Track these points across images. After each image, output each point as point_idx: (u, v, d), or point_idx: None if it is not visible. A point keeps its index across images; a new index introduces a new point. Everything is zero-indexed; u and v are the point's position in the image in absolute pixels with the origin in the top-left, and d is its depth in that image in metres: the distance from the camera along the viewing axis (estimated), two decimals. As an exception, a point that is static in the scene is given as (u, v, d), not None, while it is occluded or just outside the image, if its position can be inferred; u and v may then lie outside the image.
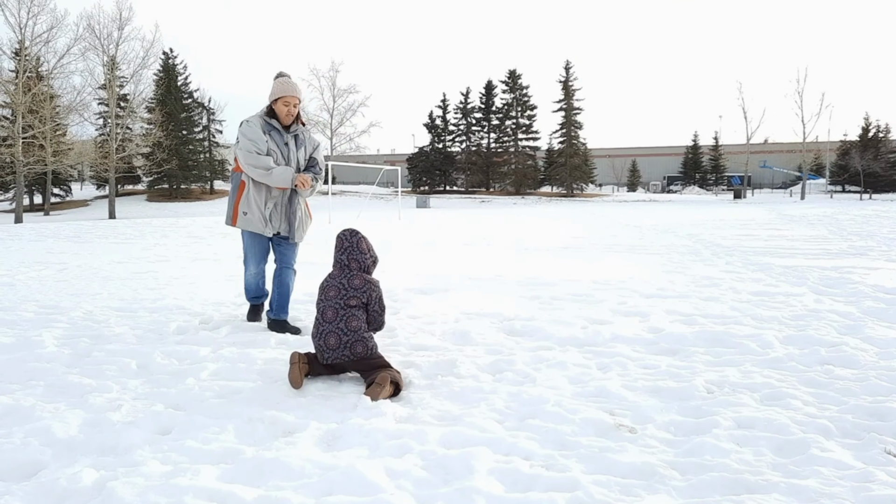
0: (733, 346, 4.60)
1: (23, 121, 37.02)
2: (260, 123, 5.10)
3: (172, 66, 59.04)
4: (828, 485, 2.53)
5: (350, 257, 4.05)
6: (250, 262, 5.39)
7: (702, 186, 75.85)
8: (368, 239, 4.21)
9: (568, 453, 2.86)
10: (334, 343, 3.85)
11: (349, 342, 3.84)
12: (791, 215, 23.31)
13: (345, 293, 3.93)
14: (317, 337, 3.93)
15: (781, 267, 8.77)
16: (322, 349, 3.88)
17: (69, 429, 3.08)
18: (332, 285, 3.99)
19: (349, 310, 3.90)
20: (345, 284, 3.96)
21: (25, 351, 4.50)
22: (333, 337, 3.86)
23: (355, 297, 3.94)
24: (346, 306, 3.90)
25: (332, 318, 3.90)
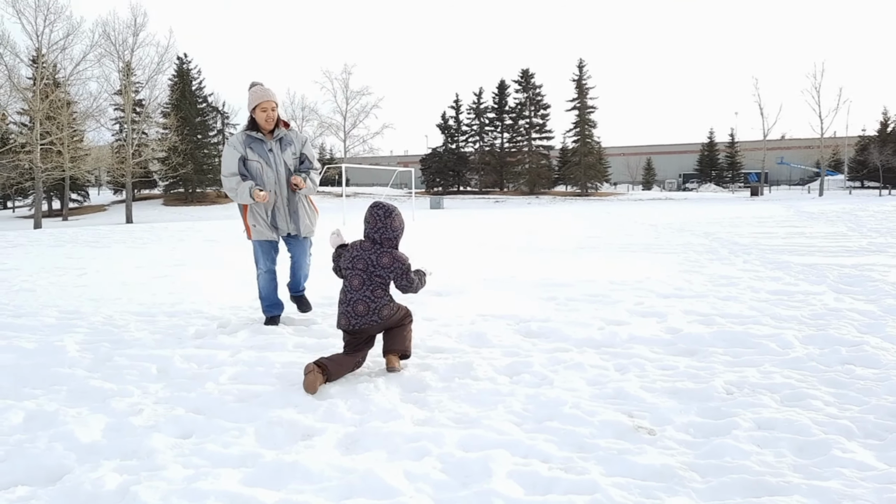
0: (752, 346, 4.57)
1: (41, 127, 37.47)
2: (238, 140, 5.38)
3: (187, 71, 59.46)
4: (850, 486, 2.51)
5: (383, 236, 4.14)
6: (260, 261, 5.61)
7: (718, 184, 75.26)
8: (399, 211, 4.29)
9: (587, 455, 2.86)
10: (363, 310, 4.03)
11: (376, 308, 4.04)
12: (809, 212, 23.09)
13: (372, 269, 4.07)
14: (344, 303, 4.10)
15: (800, 265, 8.70)
16: (350, 315, 4.05)
17: (92, 433, 3.12)
18: (361, 257, 4.10)
19: (375, 279, 4.07)
20: (373, 261, 4.08)
21: (48, 356, 4.56)
22: (362, 304, 4.04)
23: (381, 276, 4.08)
24: (373, 277, 4.06)
25: (358, 286, 4.06)
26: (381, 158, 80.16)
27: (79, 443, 3.01)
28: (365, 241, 4.18)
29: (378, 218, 4.14)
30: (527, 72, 64.66)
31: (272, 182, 5.36)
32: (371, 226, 4.15)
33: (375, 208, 4.17)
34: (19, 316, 6.10)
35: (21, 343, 4.96)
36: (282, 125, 5.45)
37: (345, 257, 4.19)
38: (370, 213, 4.16)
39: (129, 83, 44.84)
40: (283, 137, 5.44)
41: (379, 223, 4.13)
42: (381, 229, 4.13)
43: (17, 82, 38.40)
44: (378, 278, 4.07)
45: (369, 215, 4.15)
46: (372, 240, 4.14)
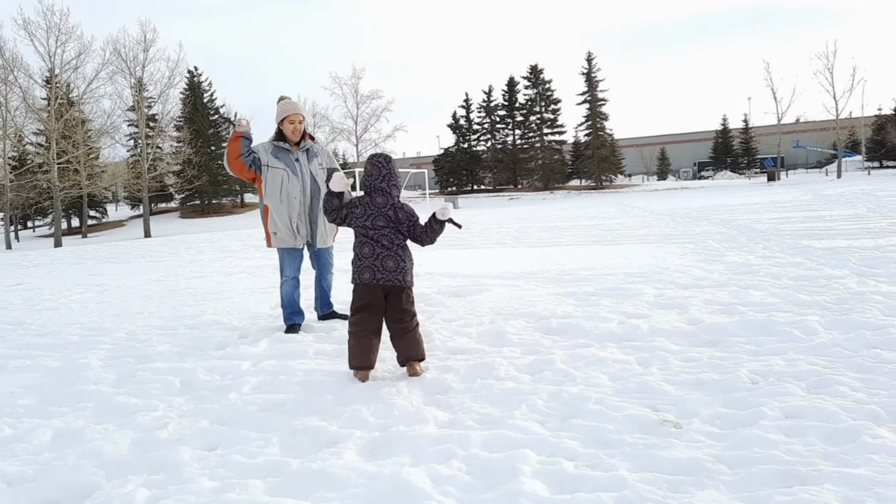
0: (776, 333, 4.52)
1: (57, 147, 37.93)
2: (262, 146, 5.65)
3: (198, 84, 59.89)
4: (881, 472, 2.47)
5: (391, 183, 4.18)
6: (286, 269, 5.79)
7: (734, 170, 74.62)
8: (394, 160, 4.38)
9: (613, 452, 2.84)
10: (392, 266, 4.10)
11: (404, 268, 4.12)
12: (828, 195, 22.82)
13: (394, 225, 4.14)
14: (370, 257, 4.11)
15: (821, 249, 8.60)
16: (378, 269, 4.08)
17: (119, 449, 3.15)
18: (381, 214, 4.14)
19: (403, 238, 4.18)
20: (391, 217, 4.14)
21: (73, 374, 4.61)
22: (391, 260, 4.11)
23: (403, 233, 4.17)
24: (399, 233, 4.16)
25: (388, 244, 4.12)
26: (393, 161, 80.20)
27: (106, 459, 3.04)
28: (375, 195, 4.18)
29: (382, 166, 4.18)
30: (535, 67, 64.49)
31: (297, 190, 5.55)
32: (378, 178, 4.17)
33: (375, 157, 4.23)
34: (43, 335, 6.18)
35: (46, 362, 5.02)
36: (307, 137, 5.70)
37: (357, 215, 4.20)
38: (374, 165, 4.19)
39: (142, 99, 45.25)
40: (309, 149, 5.69)
41: (384, 170, 4.17)
42: (387, 177, 4.17)
43: (31, 103, 38.90)
44: (402, 235, 4.17)
45: (374, 168, 4.19)
46: (383, 192, 4.17)
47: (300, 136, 5.63)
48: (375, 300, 4.14)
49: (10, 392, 4.25)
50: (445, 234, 4.58)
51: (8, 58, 36.79)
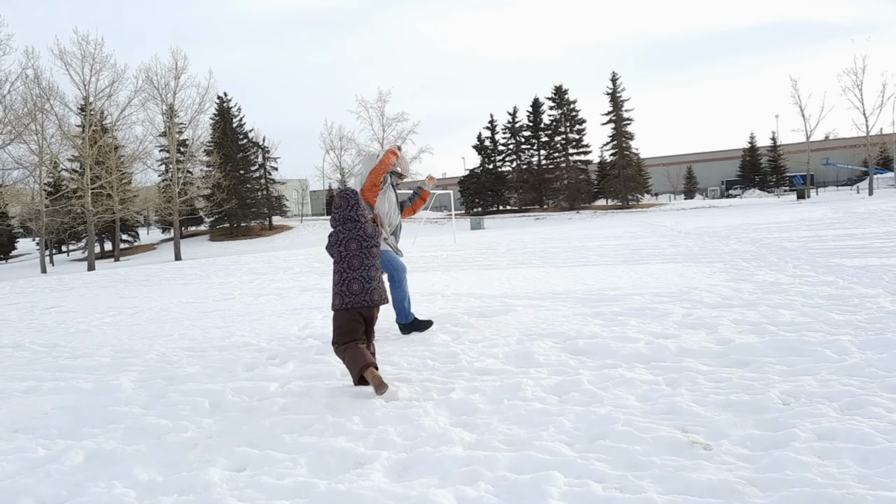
0: (807, 354, 4.45)
1: (91, 172, 38.79)
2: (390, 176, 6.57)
3: (227, 109, 60.93)
4: (920, 496, 2.41)
5: (358, 213, 4.48)
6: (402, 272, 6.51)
7: (762, 189, 73.71)
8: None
9: (641, 474, 2.81)
10: (357, 289, 4.40)
11: (369, 289, 4.42)
12: (860, 213, 22.43)
13: (365, 244, 4.45)
14: (339, 284, 4.44)
15: (853, 268, 8.45)
16: (344, 294, 4.40)
17: (149, 470, 3.19)
18: (350, 238, 4.45)
19: (373, 259, 4.47)
20: (362, 235, 4.46)
21: (105, 395, 4.69)
22: (357, 283, 4.40)
23: (375, 248, 4.49)
24: (370, 255, 4.45)
25: (357, 266, 4.42)
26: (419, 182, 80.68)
27: (137, 480, 3.08)
28: (347, 224, 4.47)
29: (350, 197, 4.48)
30: (560, 88, 64.58)
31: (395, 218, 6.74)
32: (347, 208, 4.47)
33: (345, 192, 4.54)
34: (76, 357, 6.29)
35: (79, 384, 5.12)
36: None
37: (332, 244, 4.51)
38: (342, 199, 4.50)
39: (173, 124, 46.18)
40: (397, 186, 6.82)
41: (352, 201, 4.48)
42: (355, 206, 4.47)
43: (67, 131, 39.88)
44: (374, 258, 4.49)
45: (342, 201, 4.49)
46: (352, 220, 4.46)
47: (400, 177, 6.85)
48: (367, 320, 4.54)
49: (44, 413, 4.33)
50: (471, 255, 4.67)
51: (45, 87, 37.81)
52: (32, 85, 37.04)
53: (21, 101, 36.66)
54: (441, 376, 4.63)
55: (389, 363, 5.09)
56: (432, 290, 9.73)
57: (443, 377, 4.60)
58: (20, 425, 4.11)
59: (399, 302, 6.36)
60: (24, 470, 3.33)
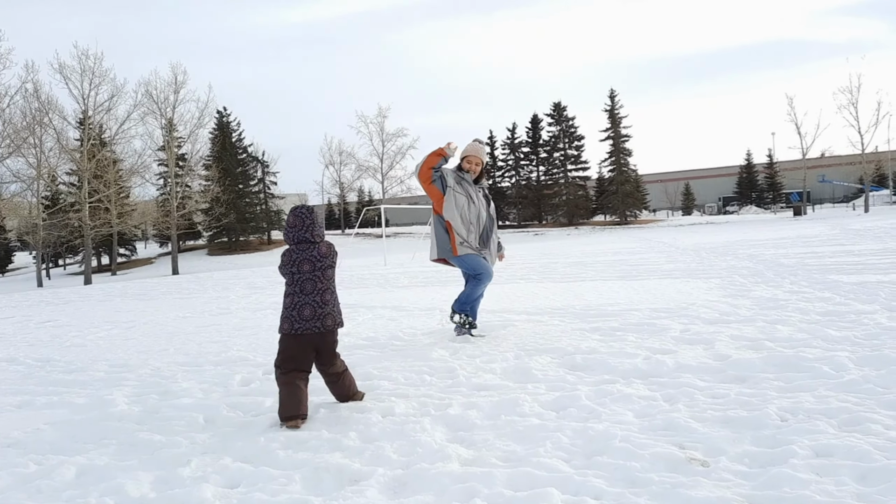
0: (805, 370, 4.43)
1: (89, 186, 38.85)
2: (452, 174, 6.46)
3: (226, 124, 61.16)
4: (920, 514, 2.39)
5: (314, 233, 4.22)
6: (479, 267, 6.51)
7: (759, 205, 74.00)
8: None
9: (639, 490, 2.79)
10: (309, 314, 4.13)
11: (322, 314, 4.16)
12: (856, 229, 22.49)
13: (319, 264, 4.19)
14: (290, 308, 4.18)
15: (850, 284, 8.45)
16: (294, 319, 4.14)
17: (141, 487, 3.16)
18: (303, 259, 4.18)
19: (327, 282, 4.22)
20: (316, 255, 4.19)
21: (98, 410, 4.65)
22: (308, 308, 4.14)
23: (329, 269, 4.25)
24: (324, 278, 4.21)
25: (309, 290, 4.17)
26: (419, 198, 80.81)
27: (129, 497, 3.05)
28: (300, 245, 4.22)
29: (305, 216, 4.22)
30: (559, 104, 64.98)
31: (475, 216, 6.41)
32: (301, 229, 4.20)
33: (300, 210, 4.26)
34: (70, 371, 6.25)
35: (72, 398, 5.08)
36: (484, 178, 6.66)
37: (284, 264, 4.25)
38: (297, 217, 4.22)
39: (172, 139, 46.31)
40: (483, 188, 6.67)
41: (307, 220, 4.21)
42: (310, 226, 4.21)
43: (65, 144, 39.97)
44: (328, 280, 4.24)
45: (297, 220, 4.21)
46: (307, 241, 4.21)
47: (476, 175, 6.53)
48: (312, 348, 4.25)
49: (36, 429, 4.29)
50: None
51: (44, 100, 37.99)
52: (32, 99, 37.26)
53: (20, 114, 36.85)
54: (438, 392, 4.61)
55: (387, 378, 5.06)
56: (431, 304, 9.71)
57: (440, 393, 4.57)
58: (12, 440, 4.07)
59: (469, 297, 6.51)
60: (14, 485, 3.29)
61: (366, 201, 74.00)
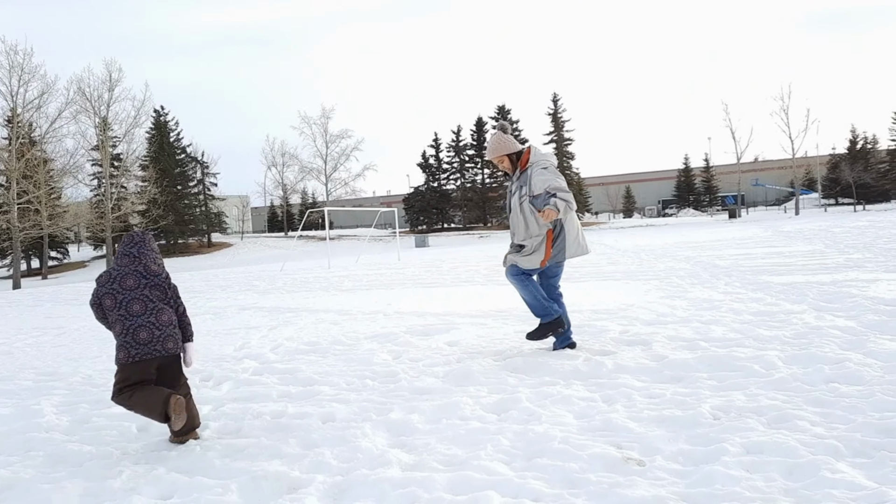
0: (737, 369, 4.57)
1: (17, 187, 37.25)
2: None
3: (164, 123, 59.58)
4: (842, 508, 2.49)
5: (141, 251, 3.76)
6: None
7: (696, 208, 76.13)
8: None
9: (577, 491, 2.82)
10: (145, 337, 3.61)
11: (161, 336, 3.64)
12: (787, 231, 23.36)
13: (146, 281, 3.68)
14: (123, 334, 3.63)
15: (780, 285, 8.76)
16: (130, 345, 3.61)
17: (69, 500, 3.04)
18: (126, 273, 3.66)
19: (159, 302, 3.69)
20: (141, 271, 3.68)
21: (24, 421, 4.46)
22: (145, 331, 3.61)
23: (161, 287, 3.72)
24: (155, 297, 3.67)
25: (140, 311, 3.63)
26: (363, 200, 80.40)
27: (57, 510, 2.93)
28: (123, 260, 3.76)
29: (135, 235, 3.83)
30: (503, 108, 65.49)
31: (511, 220, 5.58)
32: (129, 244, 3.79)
33: (131, 233, 3.88)
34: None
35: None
36: (521, 167, 5.52)
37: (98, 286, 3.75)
38: (126, 237, 3.84)
39: (107, 138, 44.81)
40: (520, 178, 5.52)
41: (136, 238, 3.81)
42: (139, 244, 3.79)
43: (-9, 143, 38.26)
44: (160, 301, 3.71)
45: (126, 238, 3.82)
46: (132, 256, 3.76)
47: (508, 170, 5.61)
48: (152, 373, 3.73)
49: (-43, 441, 4.08)
50: (415, 273, 4.58)
51: (-33, 97, 36.26)
52: (-47, 95, 35.51)
53: (-58, 111, 35.08)
54: (380, 396, 4.58)
55: (328, 383, 5.01)
56: (375, 308, 9.66)
57: (381, 397, 4.55)
58: (-70, 455, 3.86)
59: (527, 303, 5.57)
60: (-68, 503, 3.13)
61: (309, 203, 73.16)
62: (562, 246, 5.41)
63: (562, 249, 5.42)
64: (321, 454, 3.46)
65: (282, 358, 6.17)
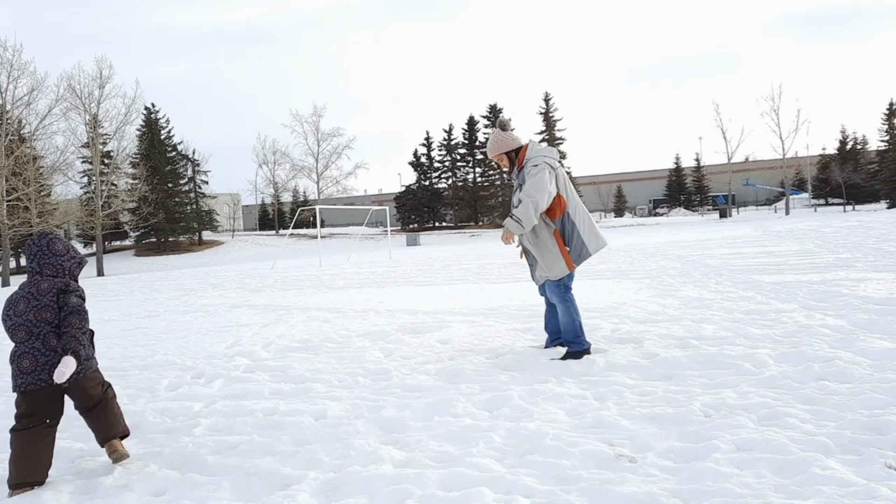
0: (728, 367, 4.60)
1: (6, 184, 37.00)
2: None
3: (155, 121, 59.31)
4: (831, 503, 2.51)
5: (42, 262, 3.38)
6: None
7: (687, 208, 76.43)
8: (66, 241, 3.56)
9: (569, 488, 2.83)
10: (29, 366, 3.21)
11: (48, 363, 3.20)
12: (777, 231, 23.49)
13: (36, 303, 3.25)
14: (12, 361, 3.30)
15: (771, 284, 8.81)
16: (16, 374, 3.25)
17: (60, 497, 3.03)
18: (20, 297, 3.31)
19: (45, 325, 3.24)
20: (34, 293, 3.28)
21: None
22: (28, 359, 3.22)
23: (48, 308, 3.26)
24: (41, 321, 3.24)
25: (24, 337, 3.24)
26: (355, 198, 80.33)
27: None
28: (27, 278, 3.44)
29: (33, 244, 3.43)
30: (494, 107, 65.51)
31: None
32: (29, 258, 3.41)
33: (31, 238, 3.45)
34: (-14, 378, 5.94)
35: (-12, 406, 4.83)
36: (519, 164, 5.32)
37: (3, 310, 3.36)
38: (26, 246, 3.43)
39: (97, 135, 44.56)
40: (519, 175, 5.33)
41: (34, 248, 3.41)
42: (38, 255, 3.40)
43: (-20, 140, 37.97)
44: (50, 324, 3.27)
45: (26, 248, 3.41)
46: (32, 272, 3.40)
47: (510, 168, 5.43)
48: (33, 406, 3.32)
49: (-54, 438, 4.06)
50: (406, 271, 4.57)
51: (-43, 93, 36.00)
52: (-58, 91, 35.23)
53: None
54: (372, 393, 4.58)
55: (320, 381, 5.01)
56: (366, 306, 9.65)
57: (374, 395, 4.55)
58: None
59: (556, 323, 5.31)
60: (-79, 500, 3.11)
61: (300, 201, 72.99)
62: (580, 242, 5.17)
63: (582, 246, 5.17)
64: (313, 451, 3.45)
65: (273, 355, 6.16)
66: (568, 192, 5.25)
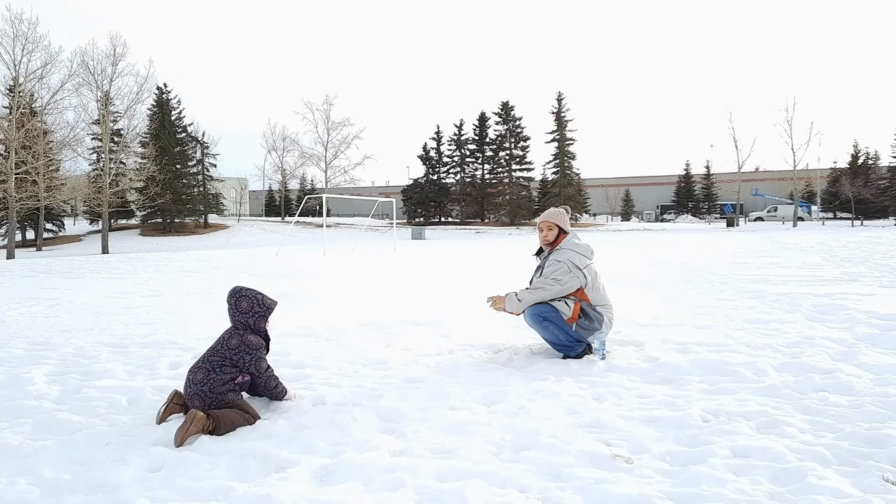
0: (728, 374, 4.59)
1: (16, 157, 37.10)
2: None
3: (166, 101, 59.37)
4: (826, 514, 2.50)
5: (233, 318, 3.97)
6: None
7: (695, 215, 76.24)
8: (256, 290, 4.03)
9: (564, 485, 2.83)
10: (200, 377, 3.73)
11: (191, 394, 3.71)
12: (784, 242, 23.41)
13: (220, 348, 3.84)
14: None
15: (775, 294, 8.78)
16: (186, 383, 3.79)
17: (56, 468, 3.04)
18: (220, 337, 3.93)
19: (209, 362, 3.78)
20: (224, 338, 3.89)
21: (14, 388, 4.45)
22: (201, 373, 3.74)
23: (227, 357, 3.81)
24: (210, 360, 3.78)
25: (199, 362, 3.83)
26: (362, 189, 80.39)
27: (42, 477, 2.94)
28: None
29: (227, 300, 4.00)
30: (507, 104, 65.36)
31: None
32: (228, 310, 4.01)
33: (229, 293, 4.02)
34: (-13, 347, 5.97)
35: (-12, 375, 4.84)
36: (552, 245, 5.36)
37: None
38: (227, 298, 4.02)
39: (108, 112, 44.62)
40: (546, 258, 5.36)
41: (228, 304, 3.99)
42: (230, 311, 3.98)
43: (-8, 112, 38.08)
44: (214, 361, 3.80)
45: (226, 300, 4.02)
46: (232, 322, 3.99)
47: (548, 241, 5.39)
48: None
49: (-54, 405, 4.08)
50: (411, 264, 4.56)
51: (-30, 64, 36.06)
52: (-45, 61, 35.30)
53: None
54: (371, 382, 4.58)
55: (320, 367, 5.01)
56: (369, 296, 9.66)
57: (373, 383, 4.55)
58: (-82, 417, 3.86)
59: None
60: (-82, 464, 3.12)
61: (308, 189, 73.04)
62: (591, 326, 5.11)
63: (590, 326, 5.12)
64: (310, 436, 3.46)
65: (274, 340, 6.15)
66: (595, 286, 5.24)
